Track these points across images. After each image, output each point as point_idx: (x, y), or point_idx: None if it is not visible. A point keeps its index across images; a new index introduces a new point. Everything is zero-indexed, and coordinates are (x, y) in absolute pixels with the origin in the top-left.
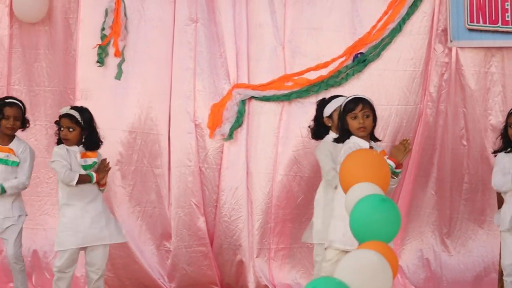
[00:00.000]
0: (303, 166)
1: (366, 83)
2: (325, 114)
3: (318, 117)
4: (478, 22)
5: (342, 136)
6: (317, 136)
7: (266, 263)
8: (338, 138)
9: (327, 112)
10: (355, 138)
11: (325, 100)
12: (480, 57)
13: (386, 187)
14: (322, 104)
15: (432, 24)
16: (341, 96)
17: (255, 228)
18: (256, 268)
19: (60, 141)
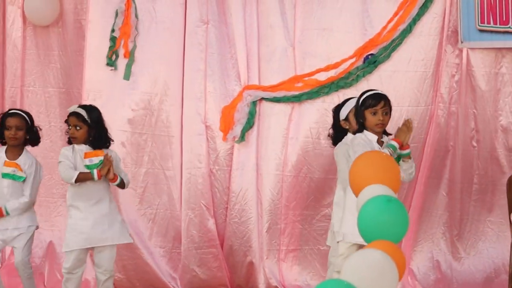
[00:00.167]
0: (313, 167)
1: (377, 84)
2: (341, 117)
3: (336, 124)
4: (489, 23)
5: (360, 129)
6: (338, 142)
7: (276, 264)
8: (356, 132)
9: (343, 115)
10: (367, 134)
11: (340, 105)
12: (491, 58)
13: (397, 189)
14: (337, 110)
15: (443, 25)
16: (354, 98)
17: (265, 229)
18: (266, 270)
19: (71, 141)
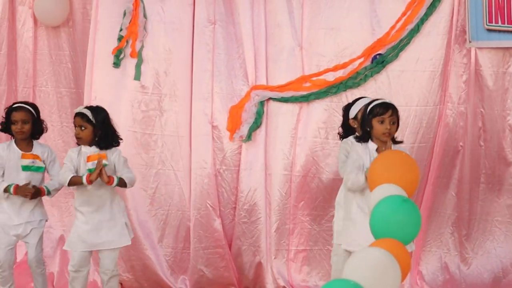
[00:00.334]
0: (321, 167)
1: (385, 84)
2: (351, 116)
3: (345, 122)
4: (497, 23)
5: (364, 137)
6: None
7: (285, 265)
8: (360, 138)
9: (352, 114)
10: (369, 143)
11: (350, 104)
12: (499, 58)
13: (414, 189)
14: (347, 109)
15: (451, 25)
16: (365, 98)
17: (273, 229)
18: (274, 270)
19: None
